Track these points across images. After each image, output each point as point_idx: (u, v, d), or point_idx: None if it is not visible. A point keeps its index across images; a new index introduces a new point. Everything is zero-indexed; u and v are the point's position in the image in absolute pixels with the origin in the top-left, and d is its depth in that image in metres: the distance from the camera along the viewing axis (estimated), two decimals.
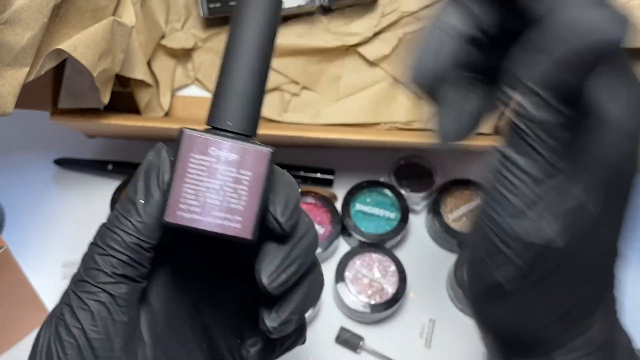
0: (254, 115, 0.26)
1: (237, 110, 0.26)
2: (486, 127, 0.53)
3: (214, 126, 0.26)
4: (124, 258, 0.26)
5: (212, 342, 0.31)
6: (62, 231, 0.55)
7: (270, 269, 0.25)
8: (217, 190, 0.25)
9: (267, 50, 0.26)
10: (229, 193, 0.25)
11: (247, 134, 0.26)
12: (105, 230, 0.26)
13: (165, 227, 0.26)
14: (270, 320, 0.26)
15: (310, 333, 0.51)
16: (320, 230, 0.53)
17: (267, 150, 0.25)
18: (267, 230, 0.26)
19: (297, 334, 0.31)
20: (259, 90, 0.26)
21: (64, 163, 0.57)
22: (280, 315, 0.26)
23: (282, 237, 0.26)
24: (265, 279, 0.25)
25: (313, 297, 0.28)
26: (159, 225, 0.26)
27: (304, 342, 0.32)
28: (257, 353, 0.30)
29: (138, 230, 0.26)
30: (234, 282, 0.31)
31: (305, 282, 0.27)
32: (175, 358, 0.29)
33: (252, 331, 0.30)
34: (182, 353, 0.30)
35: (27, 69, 0.36)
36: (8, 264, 0.41)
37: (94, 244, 0.26)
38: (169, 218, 0.24)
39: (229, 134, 0.25)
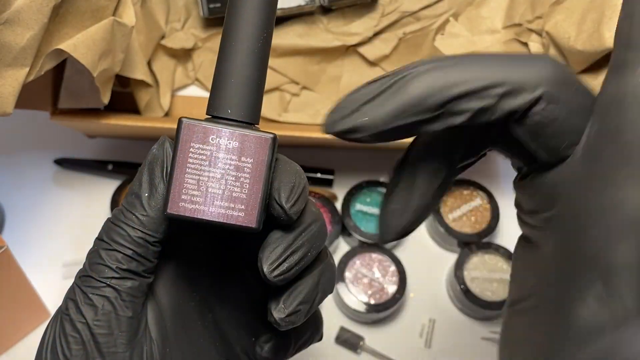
0: (255, 102, 0.26)
1: (237, 98, 0.25)
2: None
3: (214, 115, 0.25)
4: (129, 252, 0.25)
5: (224, 340, 0.30)
6: (62, 231, 0.55)
7: (272, 258, 0.25)
8: (218, 179, 0.24)
9: (265, 36, 0.25)
10: (231, 181, 0.24)
11: (249, 121, 0.25)
12: (110, 225, 0.26)
13: (169, 220, 0.26)
14: (278, 312, 0.26)
15: None
16: None
17: (268, 136, 0.24)
18: (273, 219, 0.25)
19: (312, 330, 0.30)
20: (259, 76, 0.26)
21: (64, 163, 0.57)
22: (287, 306, 0.26)
23: (287, 225, 0.25)
24: (265, 268, 0.25)
25: (324, 288, 0.27)
26: (164, 218, 0.25)
27: (320, 339, 0.31)
28: (271, 349, 0.29)
29: (143, 224, 0.25)
30: (246, 278, 0.31)
31: (315, 271, 0.26)
32: (185, 357, 0.29)
33: (265, 328, 0.30)
34: (192, 351, 0.29)
35: (27, 69, 0.36)
36: (8, 264, 0.41)
37: (99, 239, 0.26)
38: (172, 209, 0.24)
39: (229, 122, 0.25)
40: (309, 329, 0.30)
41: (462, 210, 0.55)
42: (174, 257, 0.29)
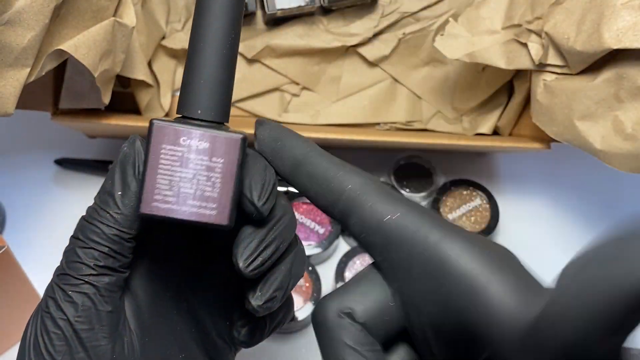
0: (224, 102, 0.26)
1: (207, 98, 0.25)
2: (485, 127, 0.54)
3: (184, 115, 0.26)
4: (105, 250, 0.26)
5: (200, 326, 0.31)
6: (62, 231, 0.54)
7: (247, 253, 0.25)
8: (190, 180, 0.25)
9: (233, 35, 0.26)
10: (202, 181, 0.25)
11: (218, 121, 0.26)
12: (85, 224, 0.27)
13: (142, 218, 0.26)
14: (255, 299, 0.26)
15: (310, 332, 0.51)
16: (320, 230, 0.53)
17: (238, 136, 0.25)
18: (245, 214, 0.26)
19: (285, 311, 0.32)
20: (228, 76, 0.26)
21: (65, 163, 0.58)
22: (264, 294, 0.26)
23: (259, 220, 0.26)
24: (241, 263, 0.25)
25: (296, 274, 0.28)
26: (137, 215, 0.26)
27: (293, 319, 0.33)
28: (247, 333, 0.30)
29: (117, 222, 0.26)
30: (219, 265, 0.31)
31: (287, 259, 0.27)
32: (164, 345, 0.29)
33: (240, 312, 0.31)
34: (170, 339, 0.30)
35: (28, 70, 0.36)
36: (9, 264, 0.41)
37: (74, 238, 0.27)
38: (145, 209, 0.24)
39: (200, 123, 0.25)
40: (282, 310, 0.31)
41: (462, 211, 0.55)
42: (148, 250, 0.29)
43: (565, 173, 0.60)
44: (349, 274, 0.51)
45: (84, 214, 0.27)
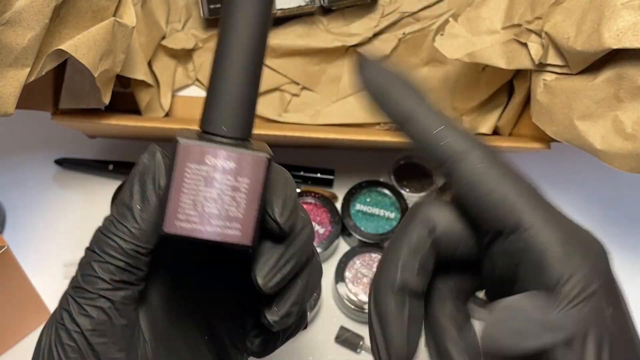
0: (249, 118, 0.25)
1: (232, 114, 0.25)
2: (485, 127, 0.54)
3: (209, 131, 0.25)
4: (121, 264, 0.25)
5: (214, 335, 0.31)
6: (63, 231, 0.55)
7: (266, 270, 0.25)
8: (215, 199, 0.24)
9: (259, 50, 0.25)
10: (227, 201, 0.24)
11: (243, 137, 0.25)
12: (101, 236, 0.26)
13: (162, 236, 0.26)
14: (271, 314, 0.26)
15: (310, 332, 0.51)
16: (320, 230, 0.53)
17: (264, 156, 0.24)
18: (264, 229, 0.25)
19: (299, 321, 0.31)
20: (253, 91, 0.26)
21: (65, 163, 0.58)
22: (280, 309, 0.26)
23: (279, 236, 0.26)
24: (260, 280, 0.25)
25: (312, 287, 0.28)
26: (155, 230, 0.25)
27: (306, 327, 0.32)
28: (260, 343, 0.30)
29: (135, 237, 0.25)
30: (234, 273, 0.31)
31: (303, 274, 0.27)
32: (177, 353, 0.29)
33: (254, 322, 0.30)
34: (184, 348, 0.30)
35: (28, 70, 0.36)
36: (9, 264, 0.41)
37: (90, 250, 0.26)
38: (168, 229, 0.24)
39: (224, 140, 0.25)
40: (296, 320, 0.31)
41: None
42: (163, 259, 0.29)
43: (565, 173, 0.60)
44: (349, 274, 0.51)
45: (100, 224, 0.27)
